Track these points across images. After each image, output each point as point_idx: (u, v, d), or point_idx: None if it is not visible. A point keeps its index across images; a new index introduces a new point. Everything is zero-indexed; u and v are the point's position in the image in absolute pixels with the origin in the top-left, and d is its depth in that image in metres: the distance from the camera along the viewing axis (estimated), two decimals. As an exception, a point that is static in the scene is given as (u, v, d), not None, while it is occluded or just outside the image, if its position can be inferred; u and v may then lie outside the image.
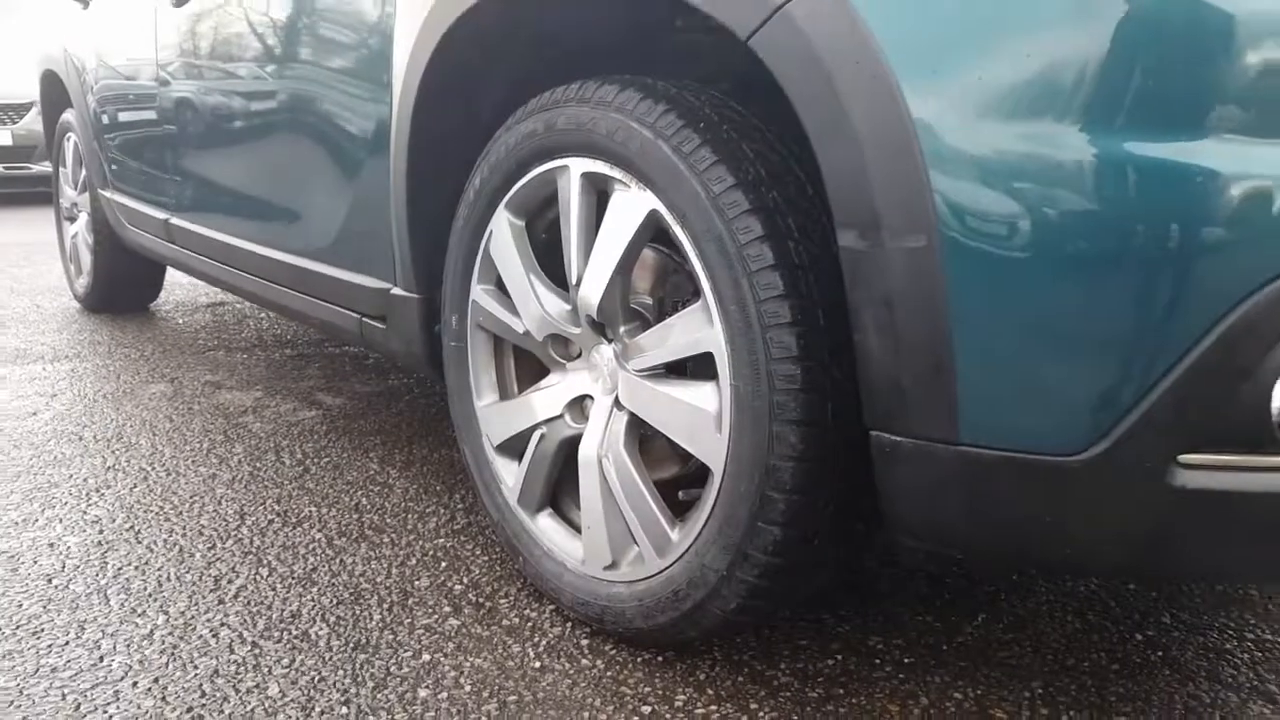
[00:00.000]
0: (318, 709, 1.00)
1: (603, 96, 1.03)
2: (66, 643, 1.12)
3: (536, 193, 1.17)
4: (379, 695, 1.02)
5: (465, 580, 1.29)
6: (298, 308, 1.79)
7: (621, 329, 1.09)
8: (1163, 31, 0.69)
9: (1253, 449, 0.73)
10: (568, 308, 1.15)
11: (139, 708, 0.99)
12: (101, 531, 1.43)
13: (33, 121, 8.50)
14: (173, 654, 1.10)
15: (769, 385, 0.90)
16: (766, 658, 1.11)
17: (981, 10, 0.74)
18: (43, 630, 1.15)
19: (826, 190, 0.83)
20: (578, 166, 1.09)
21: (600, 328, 1.13)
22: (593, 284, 1.08)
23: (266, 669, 1.07)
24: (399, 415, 2.04)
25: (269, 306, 1.97)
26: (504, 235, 1.21)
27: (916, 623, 1.20)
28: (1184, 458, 0.74)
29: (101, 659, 1.09)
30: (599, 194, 1.09)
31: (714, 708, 1.01)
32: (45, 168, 8.51)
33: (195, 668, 1.07)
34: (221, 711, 0.99)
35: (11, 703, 1.00)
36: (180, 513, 1.51)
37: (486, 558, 1.36)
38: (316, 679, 1.05)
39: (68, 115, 3.13)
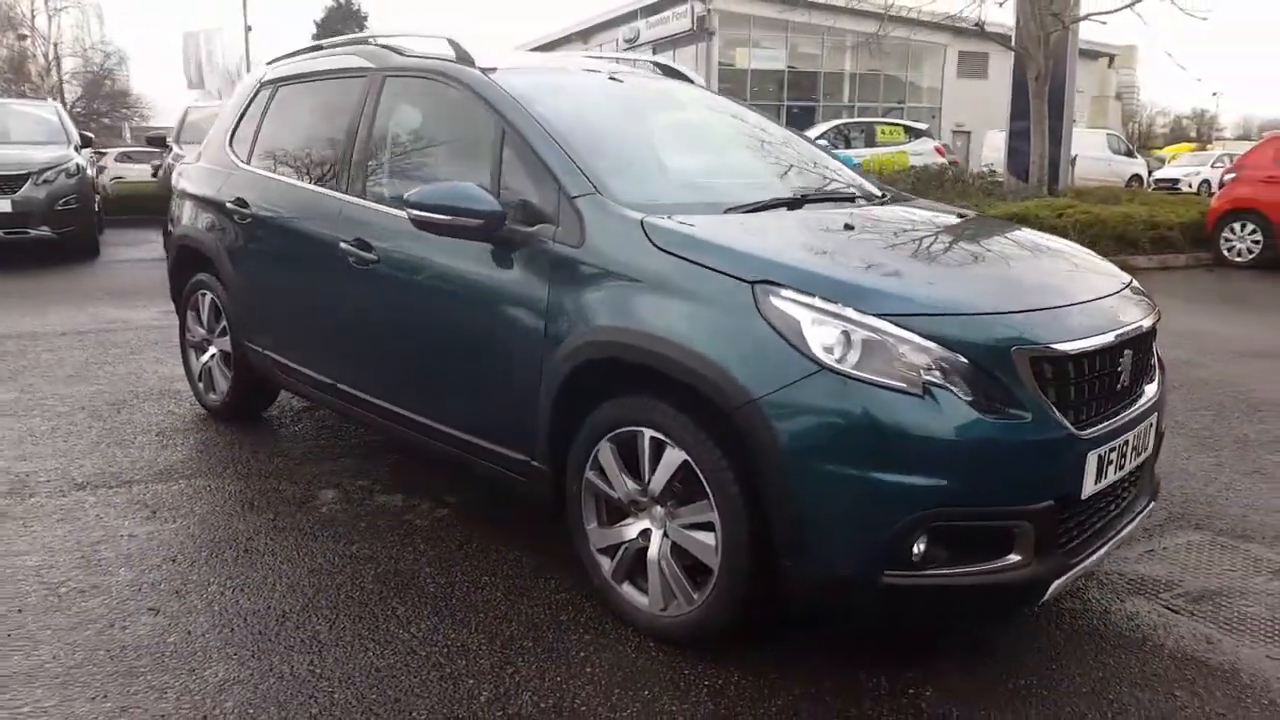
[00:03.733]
0: (546, 681, 2.32)
1: (663, 409, 2.38)
2: (415, 653, 2.42)
3: (625, 435, 2.51)
4: (568, 672, 2.35)
5: (584, 616, 2.63)
6: (458, 460, 3.08)
7: (669, 503, 2.44)
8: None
9: (908, 569, 2.13)
10: (640, 488, 2.49)
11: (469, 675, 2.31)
12: (402, 597, 2.72)
13: (30, 191, 9.31)
14: (463, 650, 2.41)
15: (737, 540, 2.26)
16: (724, 652, 2.47)
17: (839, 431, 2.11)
18: (386, 669, 2.44)
19: (764, 497, 2.20)
20: (648, 433, 2.43)
21: (657, 500, 2.47)
22: (655, 484, 2.43)
23: (515, 659, 2.39)
24: (502, 511, 3.33)
25: (422, 450, 3.24)
26: (606, 453, 2.54)
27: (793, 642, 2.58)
28: (886, 572, 2.13)
29: (430, 641, 2.39)
30: (658, 444, 2.43)
31: (709, 669, 2.37)
32: (42, 232, 9.38)
33: (483, 658, 2.38)
34: (509, 676, 2.30)
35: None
36: (426, 580, 2.80)
37: (592, 604, 2.69)
38: (533, 672, 2.37)
39: (202, 277, 4.29)
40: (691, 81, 3.99)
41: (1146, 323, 2.57)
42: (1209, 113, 71.63)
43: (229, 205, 3.97)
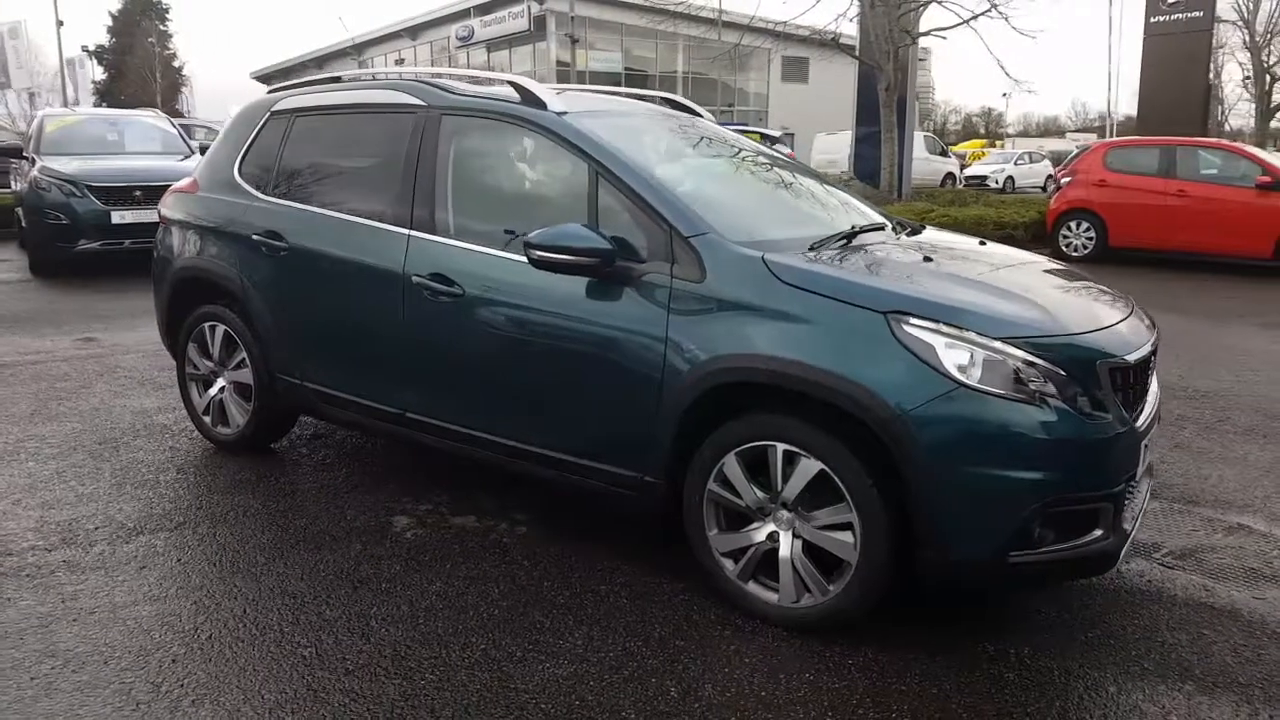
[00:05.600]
0: (717, 673, 2.61)
1: (794, 423, 2.71)
2: (587, 660, 2.64)
3: (754, 450, 2.81)
4: (730, 663, 2.65)
5: (713, 615, 2.92)
6: (546, 478, 3.29)
7: (799, 508, 2.77)
8: None
9: (1029, 549, 2.56)
10: (768, 496, 2.81)
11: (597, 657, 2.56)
12: (526, 615, 2.91)
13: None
14: (628, 654, 2.65)
15: (875, 536, 2.63)
16: (846, 635, 2.83)
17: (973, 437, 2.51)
18: (516, 668, 2.66)
19: (909, 498, 2.57)
20: (780, 447, 2.76)
21: (785, 505, 2.80)
22: (789, 492, 2.76)
23: (679, 657, 2.66)
24: (577, 525, 3.55)
25: (511, 471, 3.42)
26: (733, 466, 2.85)
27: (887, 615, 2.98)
28: (1012, 553, 2.56)
29: (593, 648, 2.62)
30: (790, 456, 2.76)
31: (846, 650, 2.72)
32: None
33: (649, 659, 2.64)
34: (680, 672, 2.57)
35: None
36: (553, 594, 3.00)
37: (713, 604, 2.98)
38: (700, 667, 2.65)
39: (210, 309, 4.24)
40: (700, 115, 4.32)
41: (1155, 335, 3.13)
42: (995, 111, 78.06)
43: (256, 238, 3.95)
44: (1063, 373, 2.58)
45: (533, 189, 3.58)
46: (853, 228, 3.41)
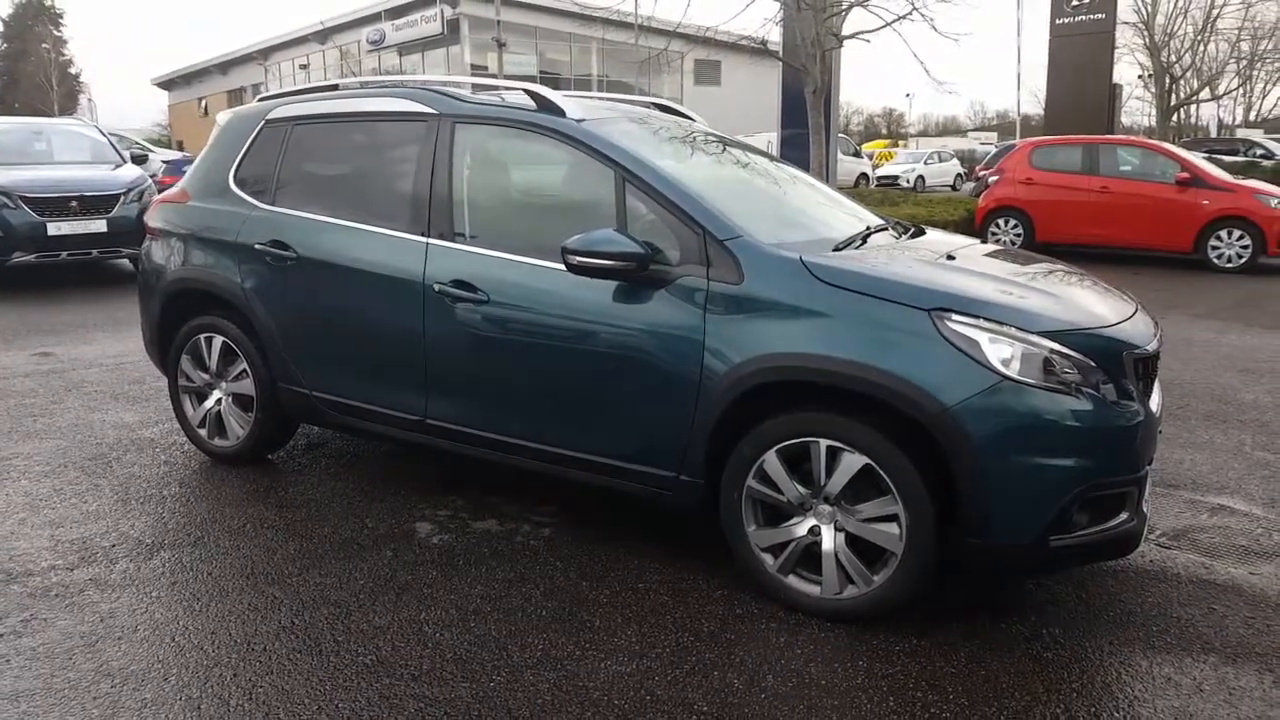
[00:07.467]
0: (775, 664, 2.69)
1: (840, 420, 2.80)
2: (644, 656, 2.69)
3: (795, 446, 2.90)
4: (784, 654, 2.73)
5: (754, 608, 3.00)
6: (578, 480, 3.32)
7: (842, 502, 2.87)
8: None
9: (1068, 533, 2.71)
10: (809, 492, 2.90)
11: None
12: (585, 611, 2.94)
13: None
14: (682, 649, 2.72)
15: (921, 526, 2.74)
16: (899, 618, 2.94)
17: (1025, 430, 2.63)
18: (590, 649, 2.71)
19: (957, 489, 2.68)
20: (824, 443, 2.85)
21: (827, 499, 2.89)
22: (833, 487, 2.85)
23: (733, 650, 2.72)
24: (597, 525, 3.59)
25: (535, 472, 3.44)
26: (773, 463, 2.93)
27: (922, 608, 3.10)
28: (1052, 538, 2.70)
29: (647, 644, 2.68)
30: (833, 451, 2.85)
31: (890, 637, 2.83)
32: None
33: (705, 652, 2.70)
34: (737, 663, 2.65)
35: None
36: (593, 594, 3.04)
37: (750, 597, 3.05)
38: (756, 659, 2.73)
39: (207, 320, 4.15)
40: (693, 119, 4.40)
41: (1160, 326, 3.32)
42: (897, 111, 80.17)
43: (259, 247, 3.89)
44: (1096, 364, 2.73)
45: (554, 195, 3.61)
46: (867, 229, 3.53)
